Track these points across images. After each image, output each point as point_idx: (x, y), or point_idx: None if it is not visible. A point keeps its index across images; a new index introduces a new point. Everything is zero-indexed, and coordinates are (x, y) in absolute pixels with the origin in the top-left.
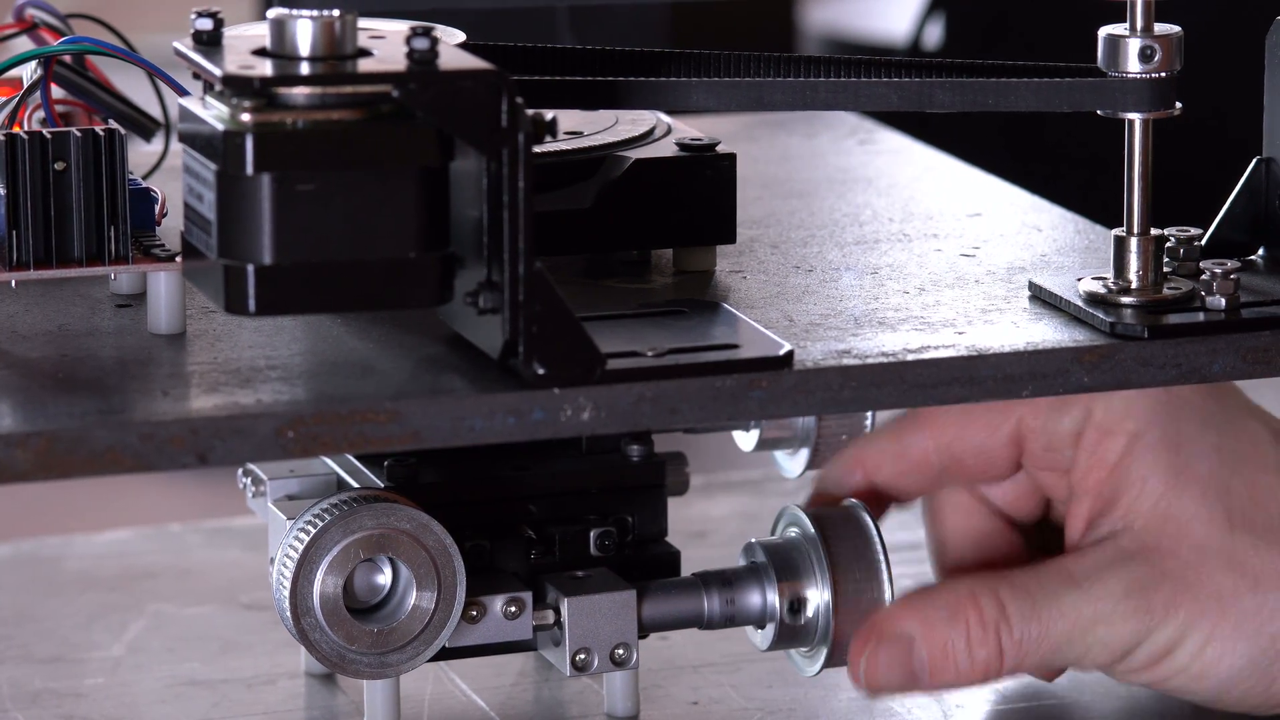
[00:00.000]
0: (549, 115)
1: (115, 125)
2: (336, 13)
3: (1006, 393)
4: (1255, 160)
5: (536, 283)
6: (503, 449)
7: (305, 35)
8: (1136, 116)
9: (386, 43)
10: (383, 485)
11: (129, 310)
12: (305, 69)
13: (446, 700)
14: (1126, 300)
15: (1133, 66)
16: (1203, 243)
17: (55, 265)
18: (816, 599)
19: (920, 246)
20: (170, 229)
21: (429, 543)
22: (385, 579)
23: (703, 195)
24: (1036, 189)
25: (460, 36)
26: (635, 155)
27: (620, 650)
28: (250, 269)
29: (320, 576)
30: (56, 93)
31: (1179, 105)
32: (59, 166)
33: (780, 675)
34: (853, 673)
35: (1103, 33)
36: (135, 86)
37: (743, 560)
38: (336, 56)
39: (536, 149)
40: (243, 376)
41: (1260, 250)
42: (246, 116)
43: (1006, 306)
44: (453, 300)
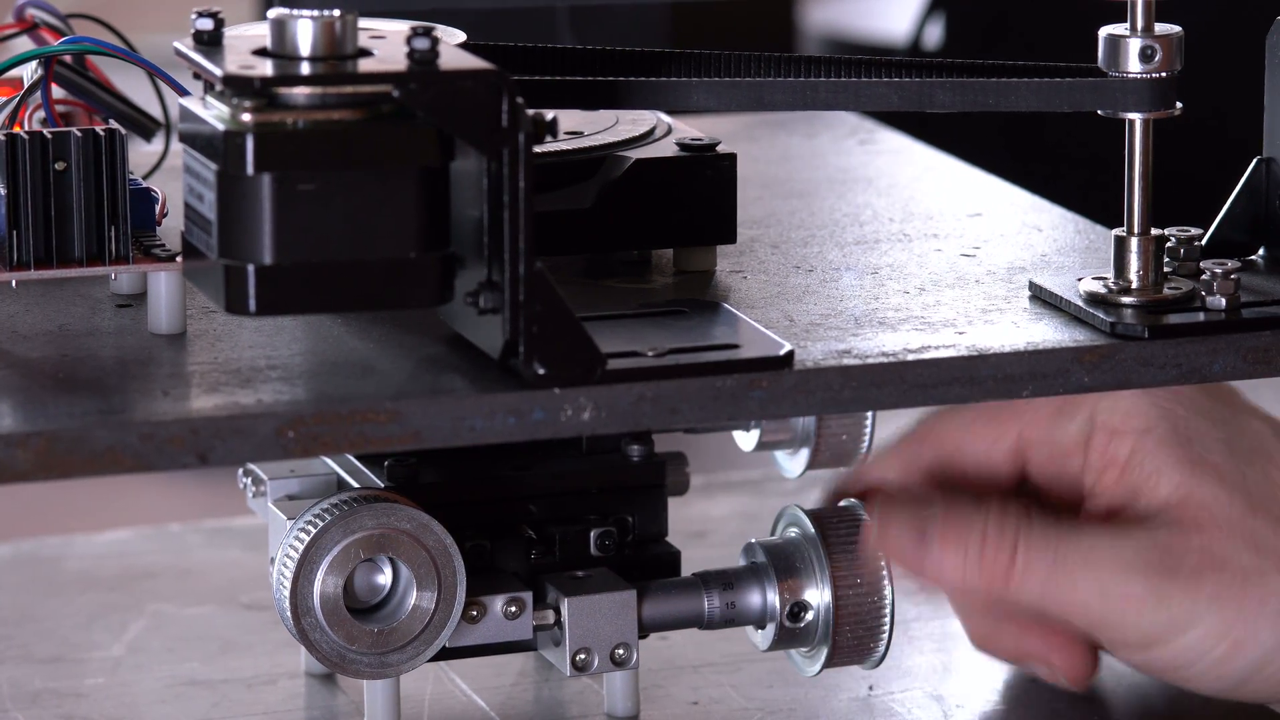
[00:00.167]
0: (549, 115)
1: (115, 125)
2: (337, 13)
3: (1007, 393)
4: (1255, 160)
5: (537, 283)
6: (503, 449)
7: (306, 35)
8: (1137, 116)
9: (387, 43)
10: (383, 485)
11: (129, 310)
12: (306, 69)
13: (446, 700)
14: (1127, 300)
15: (1133, 66)
16: (1203, 243)
17: (56, 265)
18: (816, 599)
19: (920, 246)
20: (170, 229)
21: (429, 543)
22: (385, 579)
23: (703, 195)
24: (1036, 189)
25: (460, 36)
26: (635, 155)
27: (620, 650)
28: (250, 269)
29: (320, 576)
30: (57, 93)
31: (1179, 105)
32: (59, 166)
33: (780, 675)
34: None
35: (1103, 33)
36: (135, 86)
37: (743, 560)
38: (337, 56)
39: (537, 149)
40: (243, 376)
41: (1260, 250)
42: (247, 116)
43: (1007, 306)
44: (453, 300)
